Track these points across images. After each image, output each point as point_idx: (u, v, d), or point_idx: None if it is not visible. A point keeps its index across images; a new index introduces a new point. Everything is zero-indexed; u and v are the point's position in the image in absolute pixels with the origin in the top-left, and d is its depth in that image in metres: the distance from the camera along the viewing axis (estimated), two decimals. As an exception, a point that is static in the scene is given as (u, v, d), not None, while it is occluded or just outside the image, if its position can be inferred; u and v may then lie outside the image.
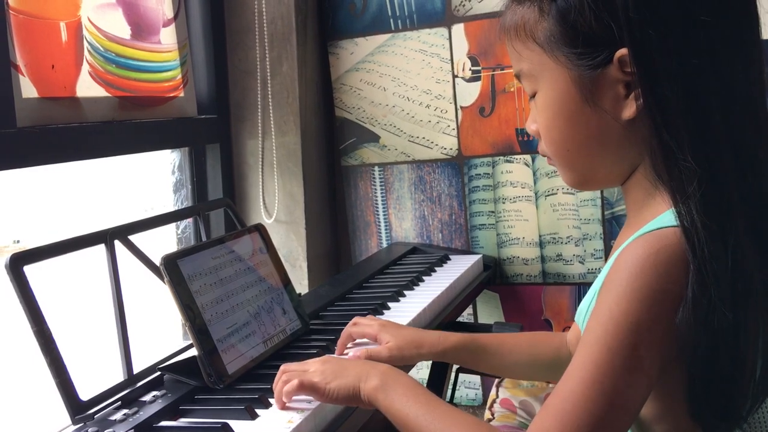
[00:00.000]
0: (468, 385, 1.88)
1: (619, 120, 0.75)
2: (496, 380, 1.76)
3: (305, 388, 0.86)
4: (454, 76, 1.75)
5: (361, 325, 1.09)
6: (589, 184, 0.84)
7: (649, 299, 0.68)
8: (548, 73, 0.77)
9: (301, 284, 1.80)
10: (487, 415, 1.69)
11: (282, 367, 0.92)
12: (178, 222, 1.72)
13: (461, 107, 1.76)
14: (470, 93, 1.75)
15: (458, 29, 1.73)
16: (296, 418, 0.87)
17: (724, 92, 0.71)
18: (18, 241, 1.40)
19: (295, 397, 0.89)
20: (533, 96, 0.81)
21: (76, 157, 1.34)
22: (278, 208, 1.78)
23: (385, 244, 1.88)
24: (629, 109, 0.74)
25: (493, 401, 1.73)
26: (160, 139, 1.57)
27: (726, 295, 0.67)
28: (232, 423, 0.86)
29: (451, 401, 1.39)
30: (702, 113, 0.70)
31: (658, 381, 0.70)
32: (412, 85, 1.79)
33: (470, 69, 1.74)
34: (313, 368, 0.88)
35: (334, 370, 0.86)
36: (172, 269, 0.97)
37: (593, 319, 0.71)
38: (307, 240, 1.80)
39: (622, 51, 0.72)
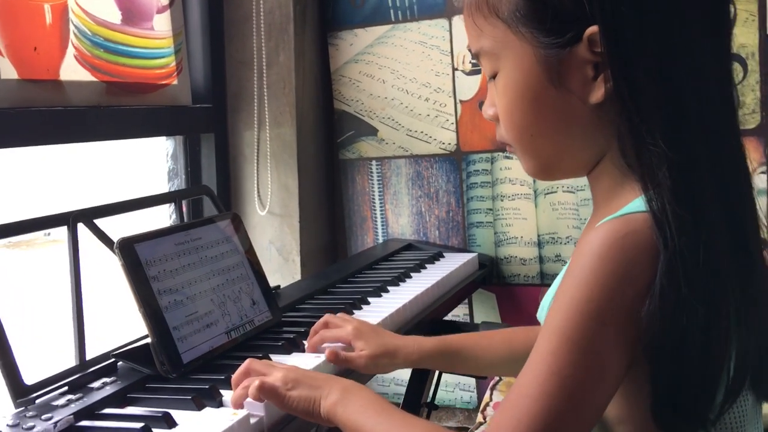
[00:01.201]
0: (463, 387, 1.84)
1: (586, 103, 0.70)
2: (491, 383, 1.71)
3: (265, 391, 0.82)
4: (454, 69, 1.71)
5: (333, 328, 1.05)
6: (552, 173, 0.79)
7: (613, 286, 0.63)
8: (511, 51, 0.72)
9: (293, 278, 1.76)
10: (479, 418, 1.64)
11: (247, 362, 0.88)
12: (172, 212, 1.71)
13: (461, 101, 1.72)
14: (470, 87, 1.70)
15: (459, 21, 1.69)
16: (241, 412, 0.84)
17: (697, 75, 0.67)
18: (48, 234, 1.38)
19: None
20: (493, 77, 0.76)
21: (57, 140, 1.33)
22: (272, 200, 1.75)
23: (381, 240, 1.84)
24: (597, 92, 0.69)
25: (486, 404, 1.68)
26: (149, 126, 1.55)
27: (697, 290, 0.62)
28: (176, 413, 0.84)
29: (432, 401, 1.34)
30: (675, 96, 0.66)
31: (624, 378, 0.66)
32: (411, 77, 1.75)
33: (470, 62, 1.69)
34: (276, 371, 0.84)
35: (296, 378, 0.83)
36: (127, 253, 0.94)
37: (553, 308, 0.67)
38: (301, 233, 1.77)
39: (592, 29, 0.67)
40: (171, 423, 0.82)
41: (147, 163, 1.76)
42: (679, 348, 0.63)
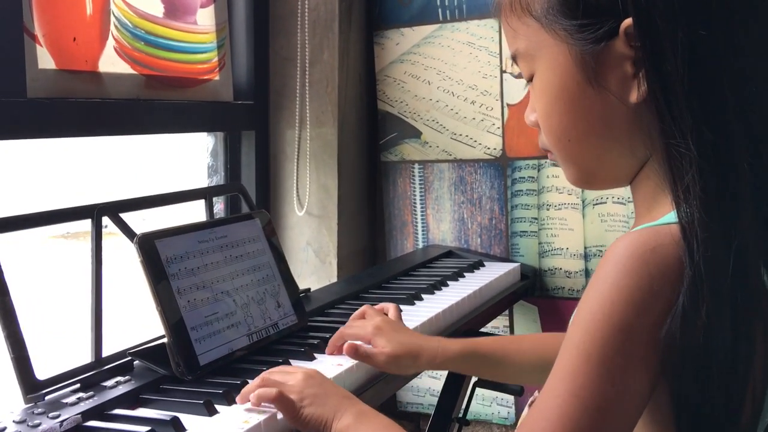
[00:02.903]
0: (500, 402, 1.77)
1: (626, 104, 0.65)
2: (530, 399, 1.64)
3: (281, 402, 0.79)
4: (502, 72, 1.65)
5: (354, 326, 1.01)
6: (594, 182, 0.74)
7: (638, 302, 0.59)
8: (546, 50, 0.68)
9: (329, 281, 1.72)
10: (514, 435, 1.57)
11: (262, 375, 0.84)
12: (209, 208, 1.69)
13: (508, 105, 1.65)
14: (518, 90, 1.64)
15: (509, 21, 1.62)
16: (253, 420, 0.80)
17: (740, 73, 0.61)
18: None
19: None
20: (530, 79, 0.71)
21: (94, 132, 1.32)
22: (310, 200, 1.72)
23: (421, 246, 1.79)
24: (637, 91, 0.64)
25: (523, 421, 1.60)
26: (189, 121, 1.53)
27: (724, 311, 0.57)
28: (186, 417, 0.80)
29: (463, 416, 1.28)
30: (710, 96, 0.60)
31: (649, 399, 0.61)
32: (457, 79, 1.69)
33: (520, 64, 1.63)
34: (293, 381, 0.81)
35: (314, 394, 0.79)
36: (147, 249, 0.91)
37: (574, 322, 0.62)
38: (339, 236, 1.73)
39: (629, 21, 0.62)
40: (179, 428, 0.78)
41: (187, 159, 1.74)
42: (702, 375, 0.58)
